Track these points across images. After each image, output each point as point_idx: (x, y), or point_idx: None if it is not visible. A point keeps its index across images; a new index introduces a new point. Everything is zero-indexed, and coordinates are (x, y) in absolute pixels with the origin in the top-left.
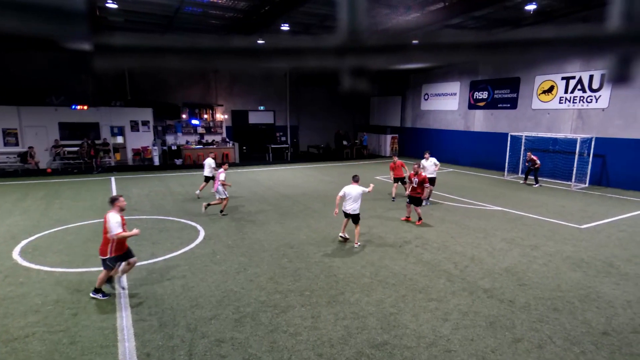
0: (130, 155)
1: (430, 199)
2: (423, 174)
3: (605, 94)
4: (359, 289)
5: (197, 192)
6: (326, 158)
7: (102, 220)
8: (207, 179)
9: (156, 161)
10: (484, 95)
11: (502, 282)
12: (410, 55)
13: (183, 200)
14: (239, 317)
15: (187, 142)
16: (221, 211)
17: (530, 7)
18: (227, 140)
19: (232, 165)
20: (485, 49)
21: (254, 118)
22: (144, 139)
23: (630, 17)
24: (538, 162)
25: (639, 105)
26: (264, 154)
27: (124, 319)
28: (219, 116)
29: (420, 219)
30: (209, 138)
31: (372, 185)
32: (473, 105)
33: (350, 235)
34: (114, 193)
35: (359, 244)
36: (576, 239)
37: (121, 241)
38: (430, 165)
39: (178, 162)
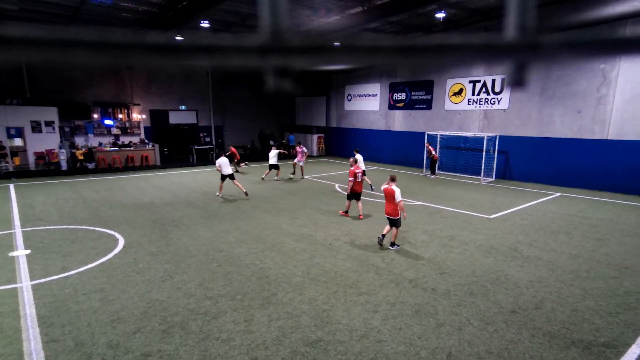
0: (32, 159)
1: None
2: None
3: (505, 96)
4: (292, 289)
5: (263, 176)
6: (253, 158)
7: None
8: (272, 167)
9: (64, 165)
10: (402, 96)
11: (425, 272)
12: (332, 57)
13: (98, 207)
14: (167, 328)
15: (101, 144)
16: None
17: (440, 15)
18: (147, 141)
19: (153, 168)
20: (403, 52)
21: (175, 118)
22: (48, 141)
23: (522, 28)
24: (434, 153)
25: (532, 107)
26: (187, 155)
27: (32, 342)
28: (136, 116)
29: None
30: (125, 139)
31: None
32: (393, 106)
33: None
34: (13, 202)
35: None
36: (486, 228)
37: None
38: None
39: (90, 165)
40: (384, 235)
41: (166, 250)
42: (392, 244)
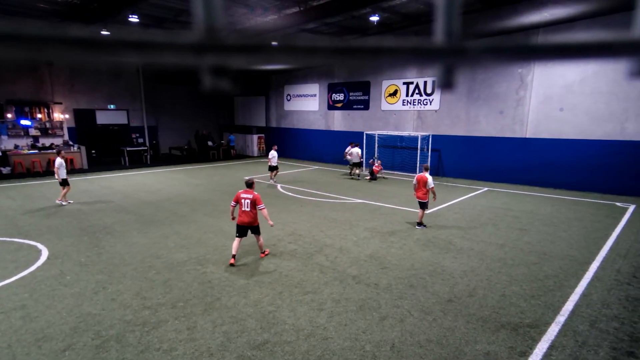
0: None
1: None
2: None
3: (436, 97)
4: (236, 292)
5: (271, 181)
6: (191, 160)
7: None
8: (272, 168)
9: None
10: (340, 97)
11: (367, 268)
12: (270, 56)
13: (15, 215)
14: (101, 343)
15: (17, 146)
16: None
17: (374, 19)
18: (71, 143)
19: (80, 172)
20: (340, 53)
21: (103, 118)
22: None
23: (449, 34)
24: (380, 167)
25: (460, 108)
26: (118, 157)
27: None
28: (58, 116)
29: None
30: (46, 141)
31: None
32: (332, 106)
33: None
34: None
35: (61, 201)
36: (423, 223)
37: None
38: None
39: (5, 170)
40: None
41: (97, 260)
42: (419, 224)
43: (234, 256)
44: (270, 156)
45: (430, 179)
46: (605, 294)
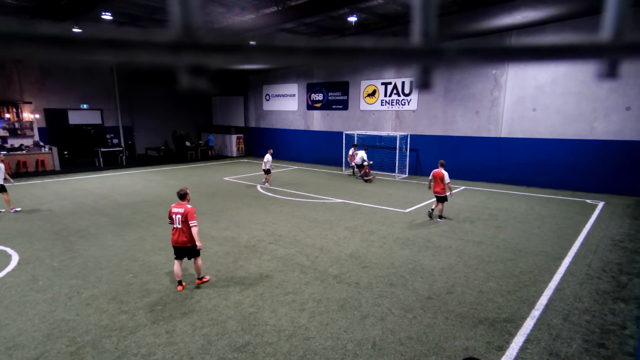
0: None
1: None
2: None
3: (414, 98)
4: (216, 294)
5: (266, 184)
6: (169, 161)
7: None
8: (267, 171)
9: None
10: (319, 97)
11: (348, 267)
12: (248, 56)
13: None
14: (76, 349)
15: None
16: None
17: (352, 19)
18: (42, 144)
19: (52, 173)
20: (318, 53)
21: (75, 118)
22: None
23: (426, 35)
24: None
25: (437, 108)
26: (92, 158)
27: None
28: (28, 116)
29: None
30: (15, 142)
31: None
32: (311, 106)
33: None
34: None
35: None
36: (402, 222)
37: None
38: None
39: None
40: (432, 210)
41: (71, 264)
42: (440, 217)
43: (180, 282)
44: (265, 159)
45: (446, 174)
46: (577, 288)
